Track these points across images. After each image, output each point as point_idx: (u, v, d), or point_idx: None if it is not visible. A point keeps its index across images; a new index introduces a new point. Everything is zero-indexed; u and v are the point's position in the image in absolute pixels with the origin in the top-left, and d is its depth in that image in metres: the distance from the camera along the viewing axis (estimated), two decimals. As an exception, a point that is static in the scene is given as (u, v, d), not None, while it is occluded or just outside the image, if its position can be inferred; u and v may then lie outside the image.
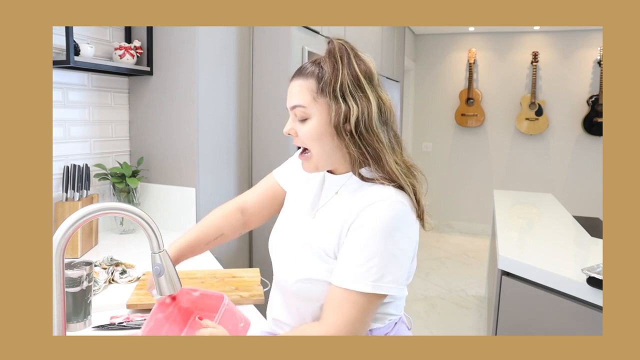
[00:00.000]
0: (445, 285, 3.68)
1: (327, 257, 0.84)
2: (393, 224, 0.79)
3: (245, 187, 2.20)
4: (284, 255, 0.92)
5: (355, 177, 0.87)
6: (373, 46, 3.46)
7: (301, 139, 0.86)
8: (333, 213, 0.87)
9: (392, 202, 0.80)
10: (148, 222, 0.81)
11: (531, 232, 2.30)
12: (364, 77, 0.84)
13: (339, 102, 0.82)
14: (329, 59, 0.84)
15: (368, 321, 0.81)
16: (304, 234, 0.89)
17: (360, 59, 0.86)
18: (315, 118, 0.84)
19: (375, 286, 0.78)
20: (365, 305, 0.79)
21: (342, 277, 0.79)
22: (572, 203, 4.69)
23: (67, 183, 1.60)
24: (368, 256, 0.78)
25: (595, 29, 4.73)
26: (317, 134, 0.84)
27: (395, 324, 0.92)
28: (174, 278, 0.87)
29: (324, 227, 0.86)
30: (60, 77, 1.67)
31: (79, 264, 1.07)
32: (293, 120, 0.87)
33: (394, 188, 0.82)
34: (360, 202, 0.82)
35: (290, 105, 0.86)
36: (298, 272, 0.86)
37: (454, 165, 5.30)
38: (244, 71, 2.13)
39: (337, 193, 0.89)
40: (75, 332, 1.05)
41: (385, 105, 0.86)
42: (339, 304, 0.79)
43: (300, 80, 0.85)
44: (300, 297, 0.87)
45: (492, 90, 5.08)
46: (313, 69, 0.85)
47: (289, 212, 0.98)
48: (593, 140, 4.80)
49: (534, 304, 1.61)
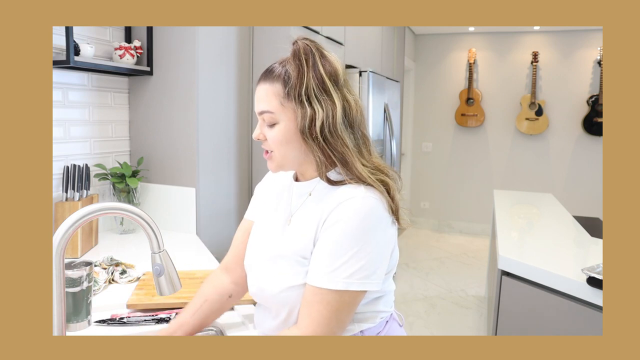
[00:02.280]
0: (445, 285, 3.68)
1: (304, 260, 0.83)
2: (365, 219, 0.78)
3: (246, 187, 2.20)
4: (261, 269, 0.90)
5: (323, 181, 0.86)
6: (373, 46, 3.46)
7: (269, 144, 0.86)
8: (306, 216, 0.86)
9: (363, 198, 0.79)
10: (148, 222, 0.81)
11: (531, 232, 2.30)
12: (329, 79, 0.83)
13: (305, 107, 0.81)
14: (293, 61, 0.83)
15: (344, 320, 0.80)
16: (280, 243, 0.88)
17: (326, 60, 0.84)
18: (283, 123, 0.83)
19: (346, 283, 0.77)
20: (338, 304, 0.78)
21: (314, 276, 0.79)
22: (572, 203, 4.69)
23: (67, 183, 1.60)
24: (339, 253, 0.78)
25: (595, 29, 4.73)
26: (286, 139, 0.84)
27: (386, 322, 0.91)
28: (174, 278, 0.87)
29: (299, 231, 0.86)
30: (60, 77, 1.67)
31: (79, 264, 1.07)
32: (261, 124, 0.87)
33: (364, 186, 0.82)
34: (332, 201, 0.81)
35: (258, 110, 0.86)
36: (279, 283, 0.85)
37: (454, 165, 5.30)
38: (244, 71, 2.13)
39: (311, 194, 0.88)
40: (75, 332, 1.05)
41: (351, 107, 0.85)
42: (311, 304, 0.79)
43: (267, 85, 0.84)
44: (287, 305, 0.86)
45: (492, 90, 5.09)
46: (279, 71, 0.84)
47: (259, 229, 0.97)
48: (593, 140, 4.80)
49: (534, 304, 1.61)
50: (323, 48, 0.86)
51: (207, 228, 1.94)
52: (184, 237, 1.83)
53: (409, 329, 2.90)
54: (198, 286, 1.26)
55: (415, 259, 4.30)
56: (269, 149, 0.87)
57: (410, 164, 5.41)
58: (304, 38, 0.85)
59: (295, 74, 0.82)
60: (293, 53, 0.84)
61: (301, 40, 0.84)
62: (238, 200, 2.14)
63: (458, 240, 5.01)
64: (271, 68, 0.86)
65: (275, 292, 0.86)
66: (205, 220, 1.92)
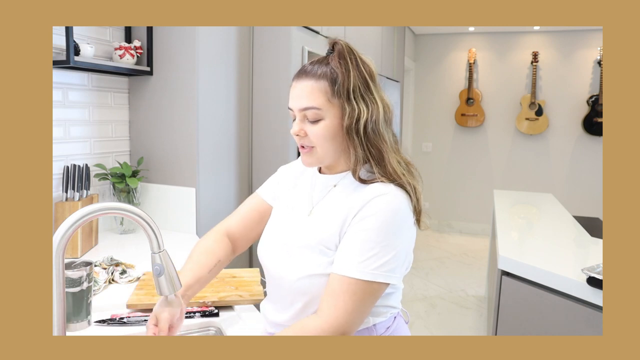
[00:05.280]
0: (445, 285, 3.68)
1: (327, 250, 0.85)
2: (395, 216, 0.82)
3: (246, 187, 2.20)
4: (281, 256, 0.91)
5: (350, 176, 0.89)
6: (373, 46, 3.46)
7: (311, 139, 0.87)
8: (332, 207, 0.88)
9: (395, 195, 0.83)
10: (148, 222, 0.81)
11: (531, 232, 2.30)
12: (369, 79, 0.87)
13: (352, 104, 0.84)
14: (339, 60, 0.86)
15: (366, 312, 0.82)
16: (301, 232, 0.90)
17: (363, 61, 0.88)
18: (328, 119, 0.85)
19: (374, 274, 0.80)
20: (363, 295, 0.80)
21: (342, 265, 0.81)
22: (572, 203, 4.68)
23: (67, 183, 1.60)
24: (369, 246, 0.80)
25: (595, 29, 4.73)
26: (330, 135, 0.86)
27: (395, 317, 0.94)
28: (174, 278, 0.87)
29: (323, 221, 0.88)
30: (60, 77, 1.67)
31: (79, 264, 1.07)
32: (301, 120, 0.87)
33: (393, 185, 0.85)
34: (363, 196, 0.84)
35: (301, 106, 0.86)
36: (299, 270, 0.87)
37: (454, 165, 5.30)
38: (244, 71, 2.13)
39: (336, 186, 0.91)
40: (75, 332, 1.05)
41: (387, 106, 0.89)
42: (337, 293, 0.80)
43: (311, 82, 0.86)
44: (304, 294, 0.87)
45: (492, 90, 5.08)
46: (324, 69, 0.86)
47: (279, 217, 0.98)
48: (593, 140, 4.80)
49: (534, 304, 1.61)
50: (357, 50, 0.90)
51: (207, 228, 1.94)
52: (184, 237, 1.83)
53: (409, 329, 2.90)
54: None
55: (415, 259, 4.26)
56: (310, 145, 0.88)
57: (410, 164, 5.39)
58: (340, 39, 0.88)
59: (342, 73, 0.85)
60: (338, 53, 0.86)
61: (342, 41, 0.87)
62: (238, 200, 2.14)
63: (458, 240, 5.01)
64: (311, 67, 0.88)
65: (293, 279, 0.87)
66: (205, 220, 1.92)
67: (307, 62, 0.93)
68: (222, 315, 1.16)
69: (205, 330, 1.13)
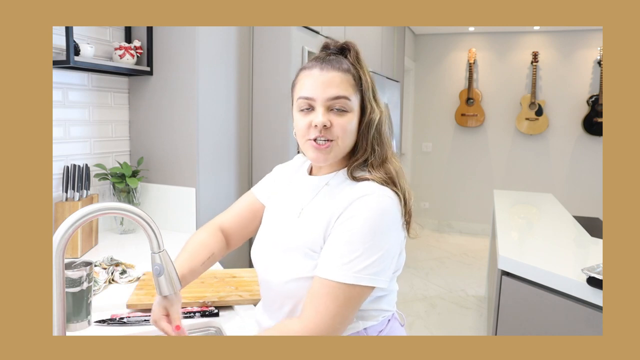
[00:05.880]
0: (445, 285, 3.68)
1: (313, 253, 0.84)
2: (380, 217, 0.80)
3: (246, 187, 2.20)
4: (270, 259, 0.91)
5: (340, 175, 0.89)
6: (373, 46, 3.46)
7: (335, 131, 0.85)
8: (319, 209, 0.87)
9: (379, 195, 0.81)
10: (148, 222, 0.81)
11: (531, 232, 2.30)
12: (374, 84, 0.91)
13: (372, 104, 0.88)
14: (355, 62, 0.88)
15: (349, 316, 0.80)
16: (289, 235, 0.89)
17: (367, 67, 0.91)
18: (352, 113, 0.86)
19: (357, 277, 0.77)
20: (345, 298, 0.77)
21: (324, 268, 0.79)
22: (572, 203, 4.68)
23: (67, 183, 1.60)
24: (353, 248, 0.78)
25: (595, 29, 4.73)
26: (352, 129, 0.87)
27: (388, 320, 0.92)
28: (174, 278, 0.87)
29: (310, 223, 0.87)
30: (60, 77, 1.67)
31: (79, 264, 1.07)
32: (326, 111, 0.84)
33: (377, 184, 0.83)
34: (348, 195, 0.83)
35: (331, 95, 0.84)
36: (286, 273, 0.86)
37: (454, 165, 5.30)
38: (244, 71, 2.13)
39: (325, 187, 0.90)
40: (75, 332, 1.05)
41: (387, 113, 0.93)
42: (319, 297, 0.78)
43: (340, 73, 0.85)
44: (291, 297, 0.87)
45: (492, 90, 5.08)
46: (347, 65, 0.87)
47: (271, 219, 0.98)
48: (593, 140, 4.80)
49: (534, 304, 1.60)
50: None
51: (207, 228, 1.94)
52: (184, 237, 1.82)
53: (409, 329, 2.90)
54: (198, 286, 1.26)
55: (415, 259, 4.30)
56: (332, 138, 0.85)
57: (410, 164, 5.41)
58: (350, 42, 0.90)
59: (360, 73, 0.88)
60: (356, 54, 0.89)
61: (352, 43, 0.90)
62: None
63: (458, 240, 5.01)
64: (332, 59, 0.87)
65: (281, 282, 0.87)
66: (205, 220, 1.92)
67: (318, 53, 0.92)
68: (222, 315, 1.16)
69: (205, 330, 1.13)
